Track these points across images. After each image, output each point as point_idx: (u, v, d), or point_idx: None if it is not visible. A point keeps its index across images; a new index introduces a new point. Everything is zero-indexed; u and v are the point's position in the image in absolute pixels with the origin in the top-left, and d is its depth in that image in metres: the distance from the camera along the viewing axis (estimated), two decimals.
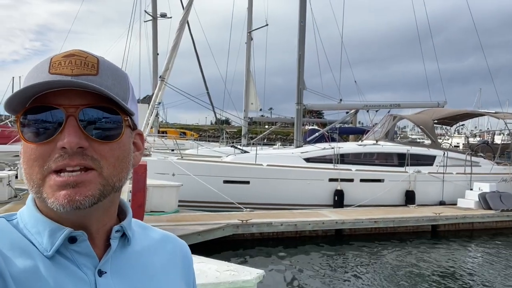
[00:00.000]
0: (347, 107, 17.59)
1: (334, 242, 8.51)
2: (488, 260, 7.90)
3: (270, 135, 33.54)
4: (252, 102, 21.99)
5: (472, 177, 11.87)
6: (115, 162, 0.60)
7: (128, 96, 0.63)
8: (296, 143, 14.42)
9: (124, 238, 0.66)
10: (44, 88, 0.56)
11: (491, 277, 6.85)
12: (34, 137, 0.57)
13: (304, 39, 14.67)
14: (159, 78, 10.88)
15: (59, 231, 0.59)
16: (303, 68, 14.55)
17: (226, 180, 10.23)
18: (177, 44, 10.71)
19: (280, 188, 10.53)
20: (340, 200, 10.84)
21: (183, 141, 21.24)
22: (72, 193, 0.56)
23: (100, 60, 0.61)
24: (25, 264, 0.56)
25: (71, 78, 0.57)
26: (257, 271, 3.91)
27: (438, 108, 15.98)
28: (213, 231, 7.52)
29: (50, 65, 0.59)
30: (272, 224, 8.33)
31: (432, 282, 6.44)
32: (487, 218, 10.25)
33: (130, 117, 0.63)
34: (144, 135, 0.73)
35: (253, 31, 22.36)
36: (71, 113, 0.57)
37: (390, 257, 7.71)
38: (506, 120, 14.57)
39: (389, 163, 12.39)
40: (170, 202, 8.73)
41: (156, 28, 24.07)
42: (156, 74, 22.34)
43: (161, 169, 9.85)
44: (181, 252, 0.75)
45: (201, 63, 16.69)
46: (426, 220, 9.66)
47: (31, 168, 0.58)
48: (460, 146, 19.81)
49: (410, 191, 11.49)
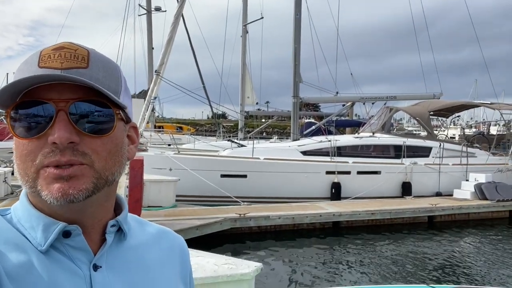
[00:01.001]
0: (344, 100, 17.61)
1: (331, 234, 8.56)
2: (484, 250, 7.98)
3: (267, 129, 33.54)
4: (248, 96, 21.94)
5: (468, 168, 11.94)
6: (106, 156, 0.59)
7: (120, 88, 0.62)
8: (293, 136, 14.43)
9: (120, 233, 0.66)
10: (33, 82, 0.56)
11: (487, 266, 6.92)
12: (24, 132, 0.57)
13: (300, 32, 14.63)
14: (155, 72, 10.82)
15: (53, 225, 0.59)
16: (299, 61, 14.51)
17: (223, 174, 10.24)
18: (172, 38, 10.63)
19: (278, 182, 10.55)
20: (337, 193, 10.88)
21: (180, 135, 21.21)
22: (66, 186, 0.56)
23: (90, 52, 0.60)
24: (19, 259, 0.56)
25: (60, 72, 0.56)
26: (255, 264, 3.93)
27: (434, 99, 16.03)
28: (210, 225, 7.54)
29: (40, 58, 0.58)
30: (270, 217, 8.36)
31: (429, 273, 6.50)
32: (483, 209, 10.34)
33: (122, 110, 0.62)
34: (141, 130, 0.73)
35: (248, 24, 22.25)
36: (61, 108, 0.56)
37: (387, 248, 7.77)
38: (502, 111, 14.63)
39: (386, 155, 12.43)
40: (167, 196, 8.74)
41: (150, 22, 23.89)
42: (151, 69, 22.20)
43: (158, 164, 9.84)
44: (177, 247, 0.75)
45: (196, 57, 16.60)
46: (422, 212, 9.72)
47: (25, 163, 0.58)
48: (456, 137, 19.90)
49: (406, 182, 11.55)
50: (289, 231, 8.45)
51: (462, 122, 30.13)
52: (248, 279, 3.68)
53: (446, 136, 16.45)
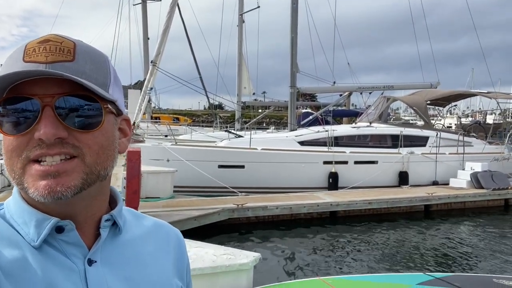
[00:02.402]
0: (341, 90, 17.55)
1: (329, 224, 8.61)
2: (480, 238, 8.06)
3: (264, 119, 33.48)
4: (245, 86, 21.83)
5: (464, 157, 12.00)
6: (98, 150, 0.58)
7: (108, 81, 0.60)
8: (290, 126, 14.41)
9: (115, 227, 0.66)
10: (16, 78, 0.54)
11: (483, 254, 7.00)
12: (11, 129, 0.56)
13: (297, 22, 14.49)
14: (151, 63, 10.74)
15: (45, 221, 0.58)
16: (296, 51, 14.41)
17: (221, 165, 10.24)
18: (168, 27, 10.53)
19: (275, 172, 10.57)
20: (335, 183, 10.93)
21: (177, 126, 21.13)
22: (53, 183, 0.55)
23: (77, 44, 0.59)
24: (13, 255, 0.55)
25: (44, 67, 0.55)
26: (254, 254, 3.96)
27: (431, 89, 16.02)
28: (209, 215, 7.56)
29: (25, 52, 0.56)
30: (268, 207, 8.39)
31: (425, 261, 6.57)
32: (479, 197, 10.41)
33: (112, 103, 0.60)
34: (138, 121, 0.72)
35: (244, 14, 22.04)
36: (47, 103, 0.55)
37: (384, 237, 7.83)
38: (498, 100, 14.65)
39: (383, 144, 12.46)
40: (165, 188, 8.75)
41: (146, 11, 23.65)
42: (147, 59, 22.04)
43: (156, 155, 9.82)
44: (173, 240, 0.75)
45: (192, 47, 16.45)
46: (419, 200, 9.79)
47: (11, 159, 0.57)
48: (452, 126, 19.96)
49: (403, 172, 11.61)
50: (286, 221, 8.49)
51: (459, 111, 30.17)
52: (247, 269, 3.71)
53: (442, 125, 16.49)
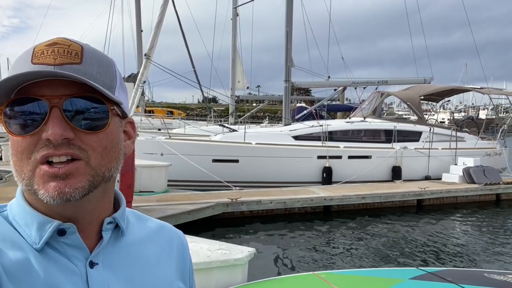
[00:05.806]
0: (335, 84, 17.54)
1: (322, 218, 8.64)
2: (472, 232, 8.15)
3: (258, 113, 33.44)
4: (239, 80, 21.72)
5: (457, 152, 12.10)
6: (102, 152, 0.59)
7: (115, 84, 0.62)
8: (284, 121, 14.39)
9: (117, 230, 0.66)
10: (25, 79, 0.55)
11: (475, 248, 7.08)
12: (19, 130, 0.57)
13: (292, 15, 14.41)
14: (144, 55, 10.62)
15: (47, 224, 0.59)
16: (290, 45, 14.35)
17: (215, 159, 10.22)
18: (162, 20, 10.41)
19: (269, 166, 10.57)
20: (329, 177, 10.96)
21: (171, 120, 21.01)
22: (62, 185, 0.56)
23: (84, 47, 0.60)
24: (16, 257, 0.56)
25: (53, 68, 0.56)
26: (248, 249, 3.95)
27: (425, 84, 16.08)
28: (203, 210, 7.54)
29: (33, 55, 0.58)
30: (262, 202, 8.39)
31: (418, 255, 6.63)
32: (471, 192, 10.52)
33: (118, 106, 0.61)
34: (131, 115, 0.71)
35: (239, 7, 21.87)
36: (54, 104, 0.56)
37: (377, 232, 7.88)
38: (491, 95, 14.76)
39: (377, 139, 12.51)
40: (159, 182, 8.71)
41: (139, 3, 23.31)
42: (140, 52, 21.80)
43: (149, 149, 9.76)
44: (176, 242, 0.75)
45: (186, 40, 16.31)
46: (412, 195, 9.86)
47: (21, 160, 0.58)
48: (445, 121, 20.10)
49: (396, 166, 11.68)
50: (280, 215, 8.51)
51: (452, 106, 30.40)
52: (242, 264, 3.70)
53: (436, 120, 16.59)
